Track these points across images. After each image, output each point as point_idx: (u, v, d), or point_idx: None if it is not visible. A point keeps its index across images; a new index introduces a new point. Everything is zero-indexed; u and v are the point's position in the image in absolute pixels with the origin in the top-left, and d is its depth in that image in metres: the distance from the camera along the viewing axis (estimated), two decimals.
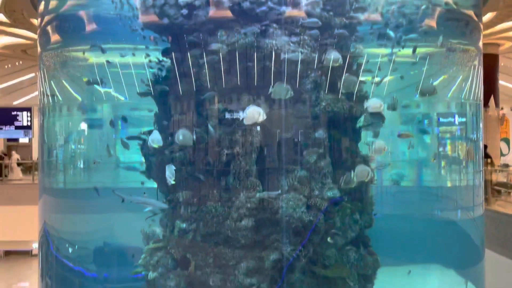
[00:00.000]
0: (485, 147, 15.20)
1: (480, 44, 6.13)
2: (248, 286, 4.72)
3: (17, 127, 21.35)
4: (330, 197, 4.84)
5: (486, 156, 14.19)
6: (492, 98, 17.84)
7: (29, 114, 21.23)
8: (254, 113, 4.61)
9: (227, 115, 4.80)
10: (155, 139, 4.97)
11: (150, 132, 5.29)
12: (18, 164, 23.16)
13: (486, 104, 17.61)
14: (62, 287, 5.88)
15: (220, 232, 4.81)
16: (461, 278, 5.88)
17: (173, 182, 4.84)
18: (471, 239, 5.96)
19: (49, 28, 5.98)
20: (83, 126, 5.78)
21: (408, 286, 5.51)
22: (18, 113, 21.29)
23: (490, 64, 17.45)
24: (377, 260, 5.46)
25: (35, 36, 6.88)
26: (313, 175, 4.85)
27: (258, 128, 4.78)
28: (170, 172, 4.79)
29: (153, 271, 5.36)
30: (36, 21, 6.97)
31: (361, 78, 5.11)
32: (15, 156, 24.17)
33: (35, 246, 21.50)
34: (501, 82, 20.39)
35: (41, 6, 6.09)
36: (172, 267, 5.18)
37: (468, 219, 5.89)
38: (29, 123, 21.31)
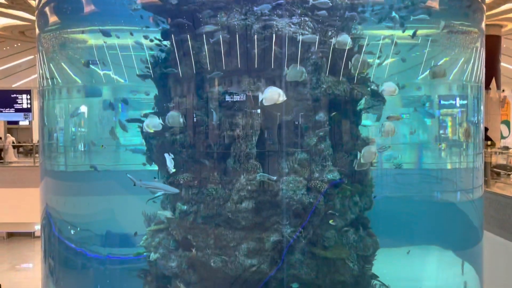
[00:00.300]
0: (486, 129, 15.17)
1: (483, 25, 6.06)
2: (248, 267, 4.78)
3: (17, 110, 21.30)
4: (330, 179, 4.86)
5: (487, 138, 14.18)
6: (493, 80, 17.74)
7: (28, 97, 21.16)
8: (274, 94, 4.56)
9: (227, 98, 4.79)
10: (151, 124, 4.93)
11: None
12: (14, 147, 23.24)
13: (487, 86, 17.53)
14: (65, 268, 5.95)
15: (220, 214, 4.84)
16: (459, 259, 5.94)
17: (173, 170, 4.84)
18: (470, 221, 6.00)
19: (47, 9, 5.91)
20: (83, 108, 5.76)
21: (407, 267, 5.57)
22: (18, 95, 21.22)
23: (492, 46, 17.28)
24: (376, 242, 5.52)
25: (33, 18, 6.81)
26: (314, 157, 4.86)
27: (259, 111, 4.77)
28: (169, 161, 4.78)
29: (154, 252, 5.43)
30: (34, 2, 6.88)
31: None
32: (10, 138, 24.27)
33: (37, 228, 21.73)
34: (503, 64, 20.25)
35: None
36: (173, 248, 5.24)
37: (467, 201, 5.92)
38: (29, 106, 21.26)
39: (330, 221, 4.92)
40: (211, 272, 4.92)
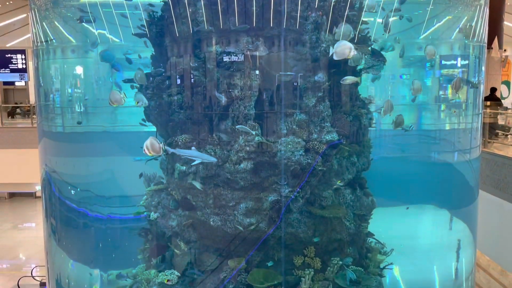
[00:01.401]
0: (494, 90, 15.01)
1: None
2: (247, 226, 4.87)
3: (12, 70, 21.01)
4: (329, 140, 4.86)
5: (495, 99, 14.02)
6: (496, 39, 17.41)
7: (23, 57, 20.81)
8: (344, 49, 4.46)
9: (225, 58, 4.70)
10: (139, 99, 4.87)
11: (146, 75, 5.21)
12: (13, 108, 23.09)
13: (489, 45, 17.22)
14: (67, 227, 6.06)
15: (219, 174, 4.88)
16: (454, 217, 6.06)
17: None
18: (466, 180, 6.07)
19: None
20: (79, 69, 5.67)
21: (402, 225, 5.69)
22: (13, 55, 20.86)
23: (496, 4, 16.84)
24: (373, 201, 5.61)
25: None
26: (312, 118, 4.84)
27: (257, 71, 4.70)
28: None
29: (154, 212, 5.51)
30: None
31: (363, 19, 4.96)
32: None
33: (38, 188, 21.92)
34: (506, 23, 19.80)
35: None
36: (173, 208, 5.32)
37: (464, 161, 5.96)
38: (24, 66, 20.95)
39: (338, 182, 5.01)
40: (211, 230, 5.02)
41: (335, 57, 4.46)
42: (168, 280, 5.10)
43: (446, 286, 6.08)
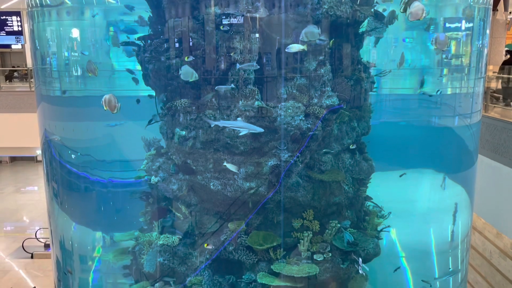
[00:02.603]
0: (511, 53, 14.65)
1: None
2: (247, 190, 4.92)
3: (8, 33, 20.63)
4: (329, 105, 4.83)
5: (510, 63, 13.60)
6: (502, 0, 16.98)
7: (18, 19, 20.39)
8: (418, 9, 4.38)
9: (224, 20, 4.60)
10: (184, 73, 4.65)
11: (144, 38, 5.11)
12: (10, 71, 22.83)
13: (494, 7, 16.82)
14: (69, 191, 6.13)
15: (219, 139, 4.88)
16: (452, 182, 6.11)
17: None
18: (466, 145, 6.08)
19: None
20: (75, 32, 5.56)
21: (400, 189, 5.74)
22: (8, 17, 20.42)
23: None
24: (372, 165, 5.64)
25: None
26: (313, 83, 4.79)
27: (257, 34, 4.61)
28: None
29: (155, 176, 5.56)
30: None
31: None
32: None
33: (38, 152, 22.02)
34: None
35: None
36: (173, 172, 5.36)
37: (465, 126, 5.95)
38: (19, 28, 20.55)
39: (350, 146, 5.02)
40: (211, 194, 5.08)
41: (410, 18, 4.44)
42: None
43: (442, 248, 6.22)
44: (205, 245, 5.07)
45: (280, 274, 4.97)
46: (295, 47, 4.51)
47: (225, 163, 4.79)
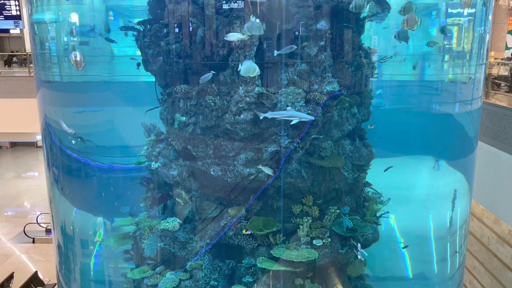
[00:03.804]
0: None
1: None
2: (247, 175, 4.93)
3: (6, 17, 20.43)
4: (330, 91, 4.81)
5: None
6: None
7: (17, 3, 20.17)
8: (413, 23, 4.54)
9: (224, 4, 4.55)
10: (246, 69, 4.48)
11: (143, 23, 5.07)
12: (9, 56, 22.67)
13: None
14: (69, 177, 6.14)
15: (219, 125, 4.88)
16: (451, 168, 6.13)
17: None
18: (466, 132, 6.08)
19: None
20: (74, 17, 5.50)
21: (399, 175, 5.76)
22: (6, 1, 20.21)
23: None
24: (371, 152, 5.65)
25: None
26: (313, 68, 4.76)
27: (257, 19, 4.56)
28: None
29: (155, 162, 5.57)
30: None
31: None
32: None
33: (38, 138, 22.01)
34: None
35: None
36: (174, 158, 5.36)
37: (465, 112, 5.94)
38: (18, 13, 20.35)
39: (369, 126, 4.98)
40: (211, 180, 5.09)
41: (403, 25, 4.55)
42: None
43: (440, 233, 6.26)
44: (244, 231, 5.05)
45: (279, 259, 5.02)
46: (234, 36, 4.42)
47: (259, 166, 4.79)
